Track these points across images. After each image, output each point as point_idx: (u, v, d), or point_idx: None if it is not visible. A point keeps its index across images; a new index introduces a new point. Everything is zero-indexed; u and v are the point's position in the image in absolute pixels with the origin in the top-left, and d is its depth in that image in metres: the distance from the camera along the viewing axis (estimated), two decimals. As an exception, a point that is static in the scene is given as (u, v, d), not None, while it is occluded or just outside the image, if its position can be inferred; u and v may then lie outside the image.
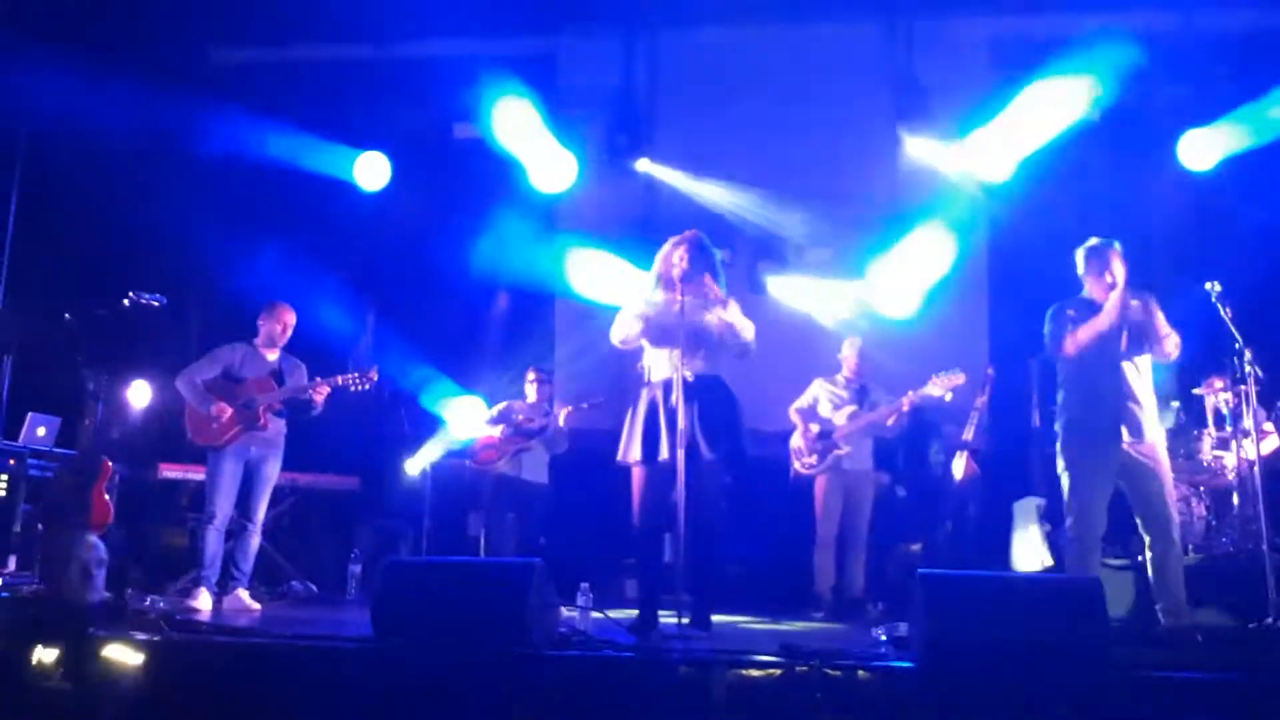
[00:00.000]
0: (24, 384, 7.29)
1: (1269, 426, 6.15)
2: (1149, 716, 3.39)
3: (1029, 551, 6.39)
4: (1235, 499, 6.02)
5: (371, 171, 8.22)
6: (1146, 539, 4.78)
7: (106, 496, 6.70)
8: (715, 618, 4.77)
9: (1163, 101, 7.36)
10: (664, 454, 4.60)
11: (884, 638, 4.29)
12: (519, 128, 7.86)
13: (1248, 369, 5.08)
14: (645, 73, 8.00)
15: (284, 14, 7.50)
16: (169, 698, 3.70)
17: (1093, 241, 4.97)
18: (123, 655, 3.54)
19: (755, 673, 3.53)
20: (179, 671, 3.71)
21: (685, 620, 4.44)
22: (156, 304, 5.48)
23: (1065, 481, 4.95)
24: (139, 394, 7.79)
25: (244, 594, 5.63)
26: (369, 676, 3.67)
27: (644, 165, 8.08)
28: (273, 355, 5.88)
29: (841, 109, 7.59)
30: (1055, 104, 7.21)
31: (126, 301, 5.39)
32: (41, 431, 6.84)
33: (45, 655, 3.55)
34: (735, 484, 5.01)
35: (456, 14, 7.17)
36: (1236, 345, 5.03)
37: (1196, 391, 6.34)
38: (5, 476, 6.60)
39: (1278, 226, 6.64)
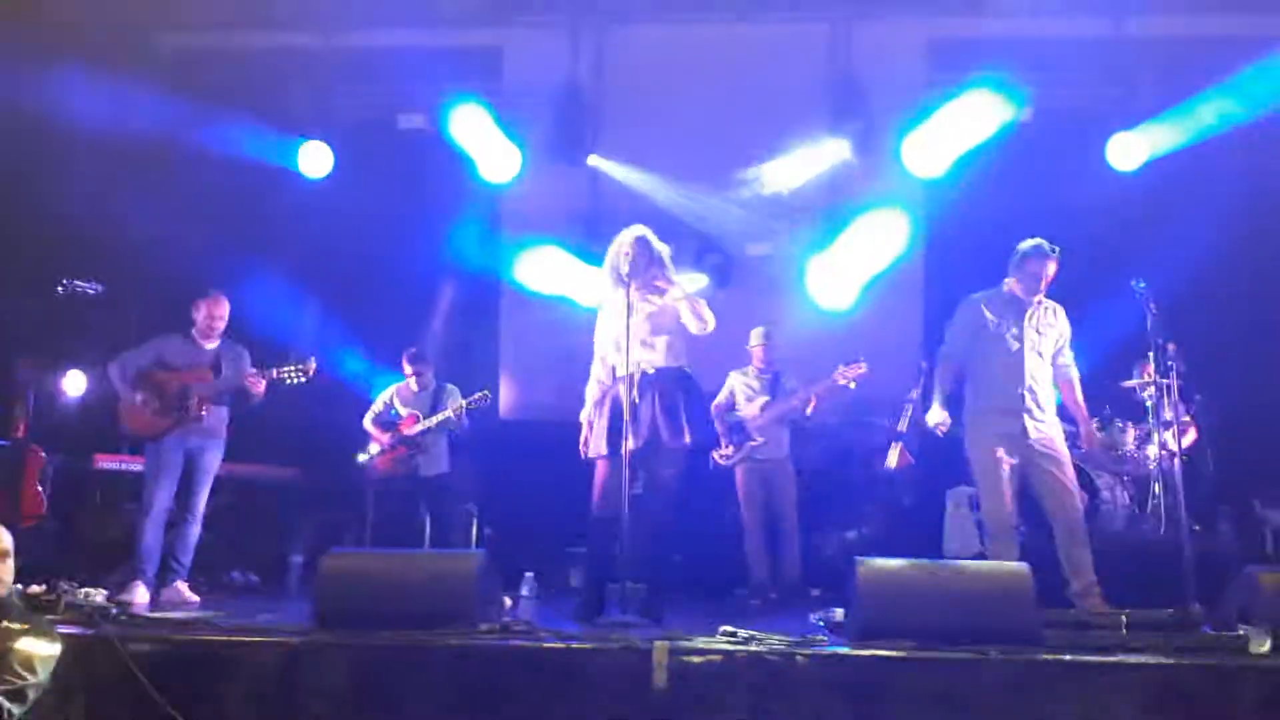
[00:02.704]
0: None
1: (1187, 419, 6.37)
2: (1077, 698, 3.52)
3: (961, 538, 6.57)
4: (1157, 488, 6.25)
5: (314, 160, 8.14)
6: (1054, 526, 4.99)
7: (39, 487, 6.58)
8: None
9: (1093, 103, 7.59)
10: (630, 445, 4.63)
11: (821, 623, 4.40)
12: (464, 119, 7.85)
13: (1169, 364, 5.27)
14: (590, 67, 8.04)
15: (228, 1, 7.40)
16: (104, 691, 3.67)
17: (1035, 242, 5.12)
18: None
19: (696, 659, 3.61)
20: (115, 665, 3.67)
21: (635, 606, 4.52)
22: (93, 292, 5.36)
23: (973, 472, 5.16)
24: (74, 383, 7.64)
25: (183, 586, 5.55)
26: (311, 668, 3.67)
27: (594, 161, 8.11)
28: (210, 345, 5.74)
29: (782, 106, 7.70)
30: (989, 105, 7.40)
31: (61, 289, 5.26)
32: (-29, 422, 6.66)
33: None
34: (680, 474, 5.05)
35: (403, 4, 7.14)
36: (1160, 341, 5.20)
37: (1128, 384, 6.52)
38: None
39: (1201, 226, 6.87)
